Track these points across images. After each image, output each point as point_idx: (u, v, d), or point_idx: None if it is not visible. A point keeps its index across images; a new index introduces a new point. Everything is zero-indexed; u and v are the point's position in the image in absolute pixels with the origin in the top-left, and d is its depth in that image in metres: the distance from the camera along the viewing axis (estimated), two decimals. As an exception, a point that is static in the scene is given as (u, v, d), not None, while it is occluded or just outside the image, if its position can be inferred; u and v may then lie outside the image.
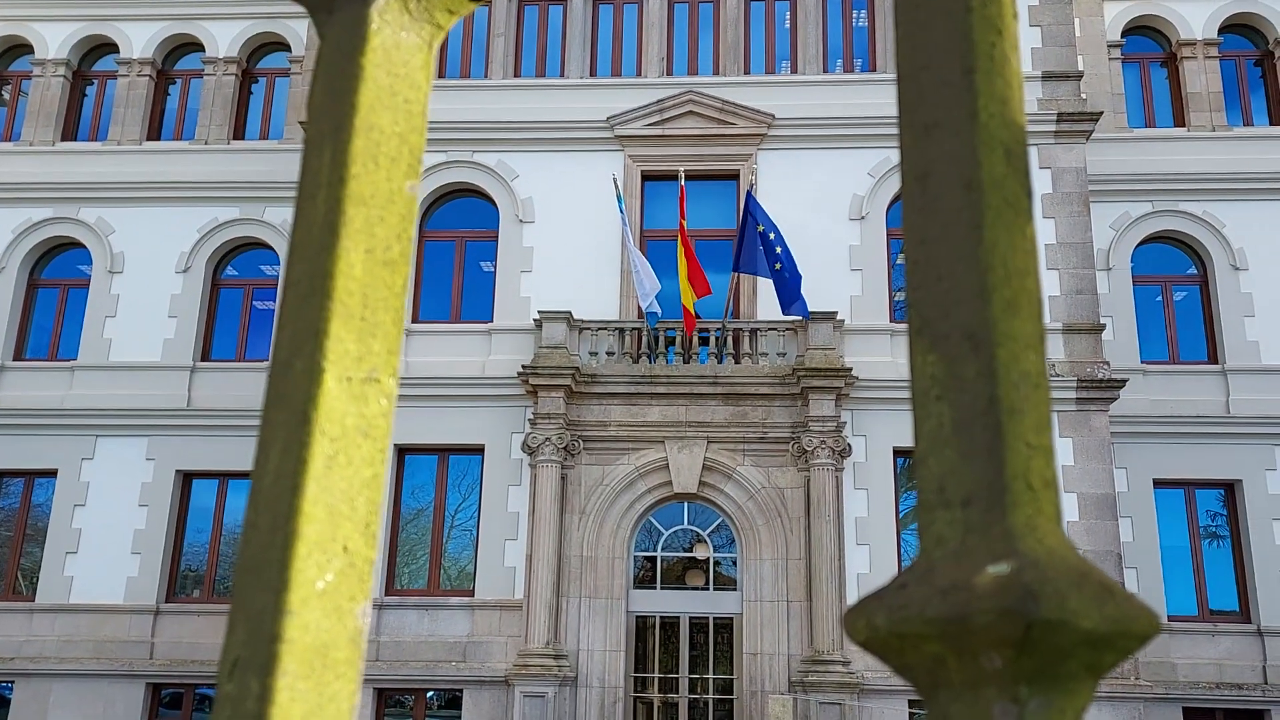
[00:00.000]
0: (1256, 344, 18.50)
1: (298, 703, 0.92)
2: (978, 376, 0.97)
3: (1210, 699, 16.88)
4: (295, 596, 0.95)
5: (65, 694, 18.14)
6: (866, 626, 0.95)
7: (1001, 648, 0.86)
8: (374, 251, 1.09)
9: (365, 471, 1.02)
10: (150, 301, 20.25)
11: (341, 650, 0.97)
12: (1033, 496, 0.94)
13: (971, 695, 0.89)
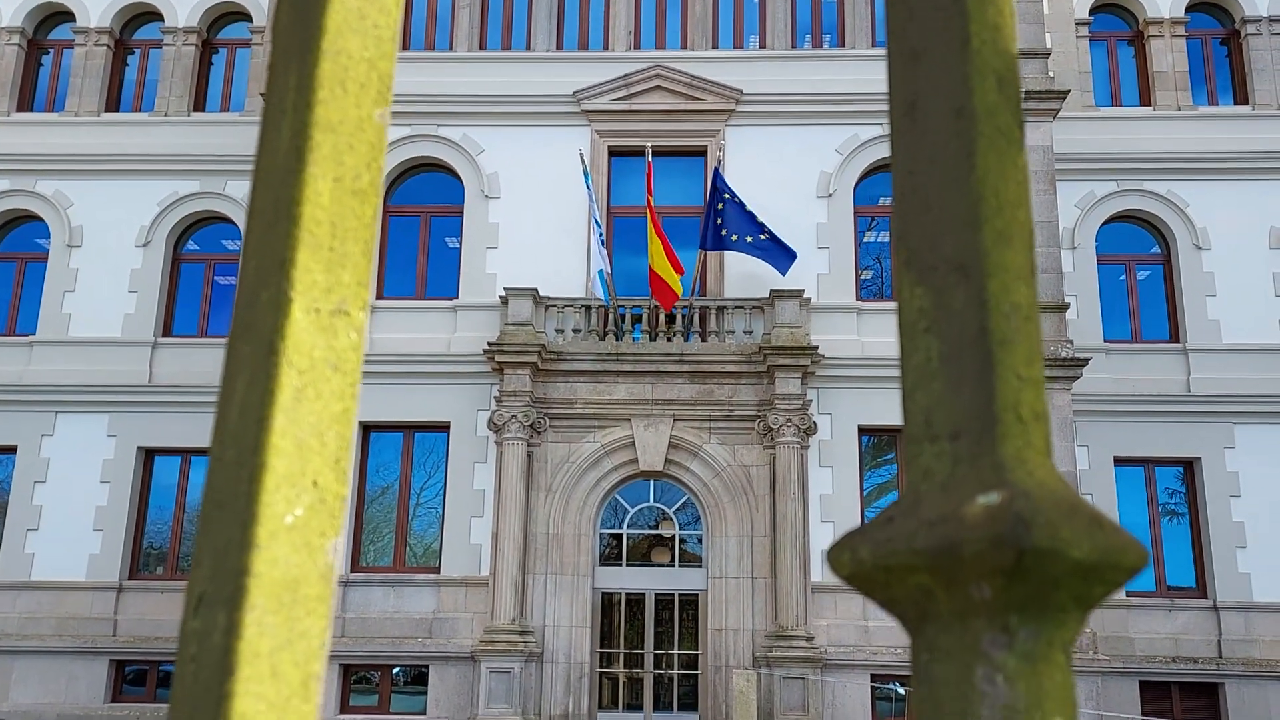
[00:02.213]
0: (1218, 323, 18.77)
1: (266, 637, 0.89)
2: (967, 307, 0.94)
3: (1167, 673, 17.22)
4: (263, 530, 0.91)
5: (28, 671, 17.92)
6: (851, 560, 0.93)
7: (992, 577, 0.84)
8: (342, 180, 1.04)
9: (335, 406, 0.99)
10: (110, 276, 19.89)
11: (312, 586, 0.93)
12: (1023, 429, 0.92)
13: (960, 627, 0.87)
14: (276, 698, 0.89)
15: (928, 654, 0.89)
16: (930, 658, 0.89)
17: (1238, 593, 17.62)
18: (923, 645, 0.90)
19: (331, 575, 0.95)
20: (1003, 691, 0.85)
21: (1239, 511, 17.94)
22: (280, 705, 0.89)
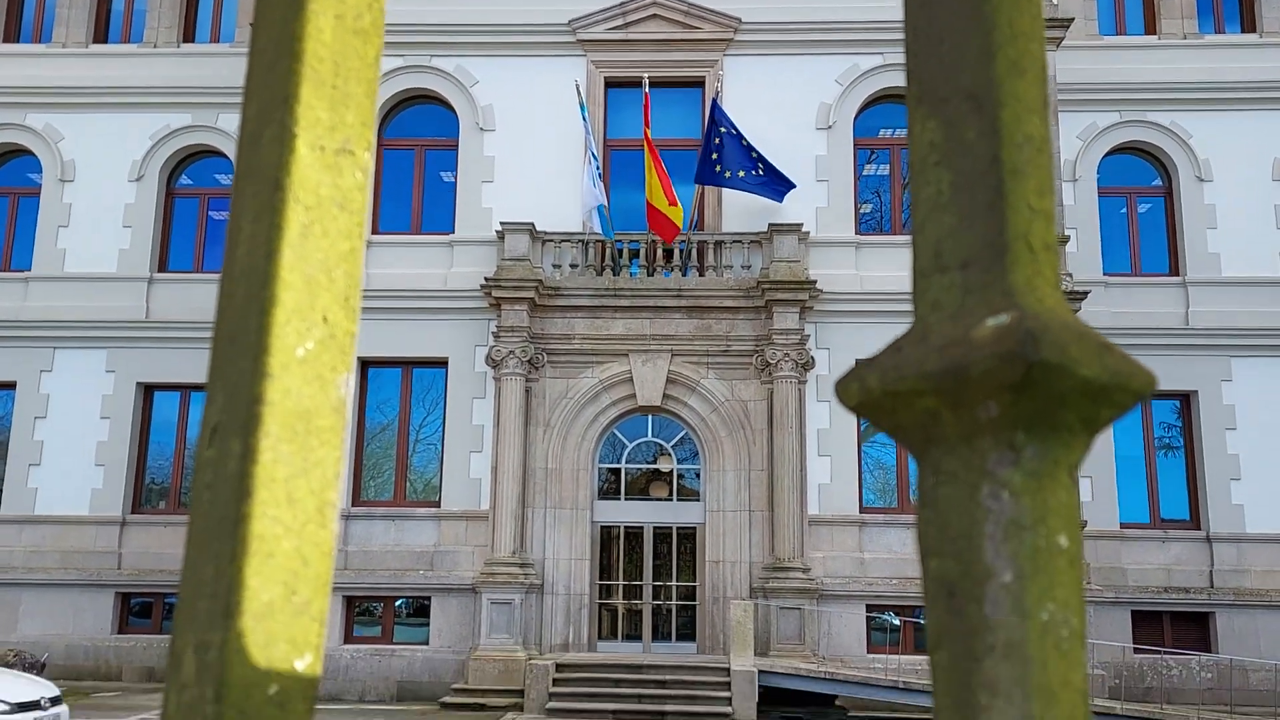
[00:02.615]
0: (1218, 256, 18.70)
1: (281, 464, 0.90)
2: (980, 138, 0.94)
3: (1158, 602, 17.47)
4: (275, 361, 0.91)
5: (35, 603, 18.16)
6: (859, 389, 0.94)
7: (999, 394, 0.84)
8: (344, 18, 1.03)
9: (342, 245, 0.98)
10: (104, 211, 19.75)
11: (325, 418, 0.94)
12: (1033, 258, 0.92)
13: (966, 448, 0.88)
14: (293, 522, 0.90)
15: (933, 478, 0.90)
16: (936, 481, 0.90)
17: (1231, 524, 17.80)
18: (929, 469, 0.91)
19: (344, 409, 0.96)
20: (1008, 507, 0.86)
21: (1234, 444, 18.06)
22: (297, 530, 0.90)
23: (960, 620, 0.87)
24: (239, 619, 0.87)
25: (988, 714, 0.84)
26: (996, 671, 0.84)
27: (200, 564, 0.90)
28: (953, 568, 0.88)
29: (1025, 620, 0.84)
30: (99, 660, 17.96)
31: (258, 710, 0.87)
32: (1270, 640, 17.16)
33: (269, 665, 0.88)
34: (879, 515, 18.18)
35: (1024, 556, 0.85)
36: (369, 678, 17.46)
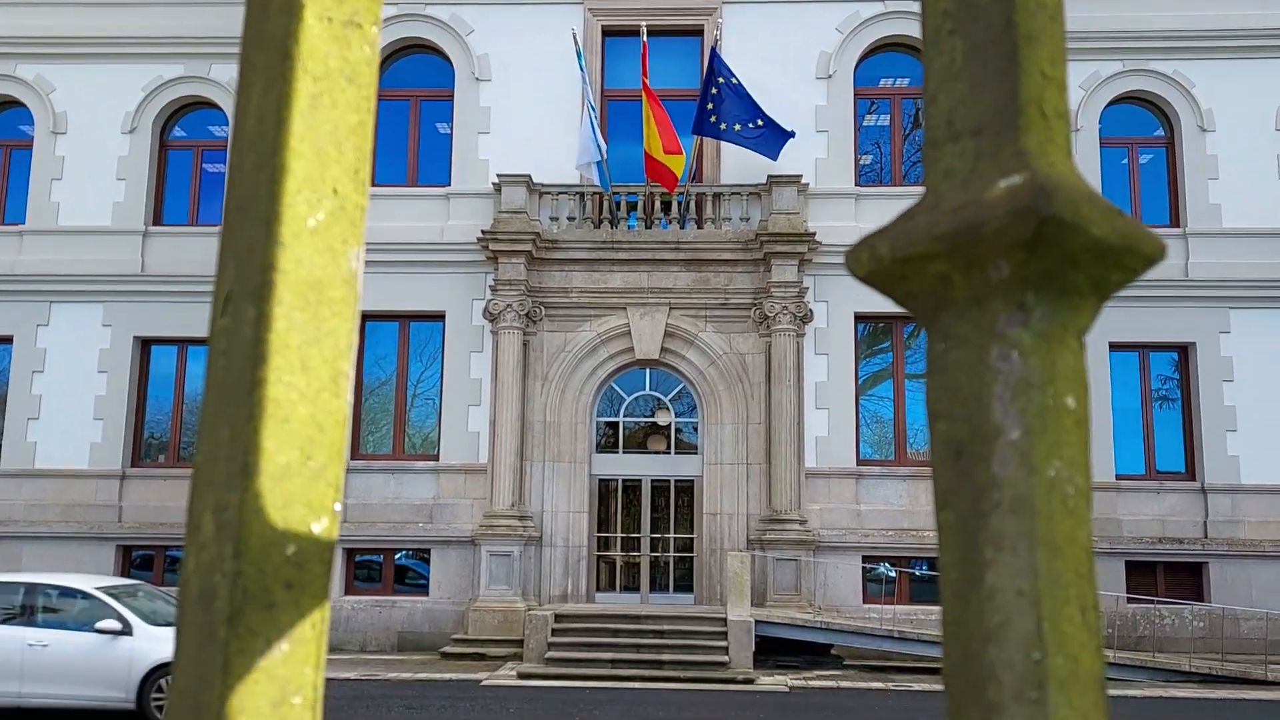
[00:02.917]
0: (1219, 207, 18.61)
1: (295, 331, 0.90)
2: (994, 3, 0.93)
3: (1153, 552, 17.62)
4: (287, 230, 0.91)
5: (37, 556, 18.28)
6: (870, 258, 0.94)
7: (1011, 252, 0.85)
8: (351, -110, 1.02)
9: (351, 117, 0.98)
10: (97, 163, 19.58)
11: (337, 289, 0.94)
12: (1045, 124, 0.92)
13: (976, 311, 0.89)
14: (308, 389, 0.91)
15: (943, 343, 0.91)
16: (946, 346, 0.91)
17: (1226, 475, 17.90)
18: (938, 336, 0.92)
19: (355, 282, 0.96)
20: (1017, 366, 0.86)
21: (1231, 396, 18.10)
22: (311, 397, 0.91)
23: (967, 480, 0.88)
24: (256, 480, 0.88)
25: (993, 568, 0.86)
26: (1003, 526, 0.85)
27: (217, 428, 0.91)
28: (961, 429, 0.89)
29: (1032, 475, 0.85)
30: (102, 611, 18.10)
31: (276, 570, 0.89)
32: (1262, 589, 17.34)
33: (286, 526, 0.90)
34: (876, 467, 18.28)
35: (1032, 414, 0.86)
36: (370, 629, 17.65)
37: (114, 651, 10.57)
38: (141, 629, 10.77)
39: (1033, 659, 0.83)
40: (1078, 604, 0.86)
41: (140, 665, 10.52)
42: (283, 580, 0.89)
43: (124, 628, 10.70)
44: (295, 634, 0.89)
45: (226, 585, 0.87)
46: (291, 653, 0.89)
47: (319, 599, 0.91)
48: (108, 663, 10.52)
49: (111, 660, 10.54)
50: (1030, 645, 0.83)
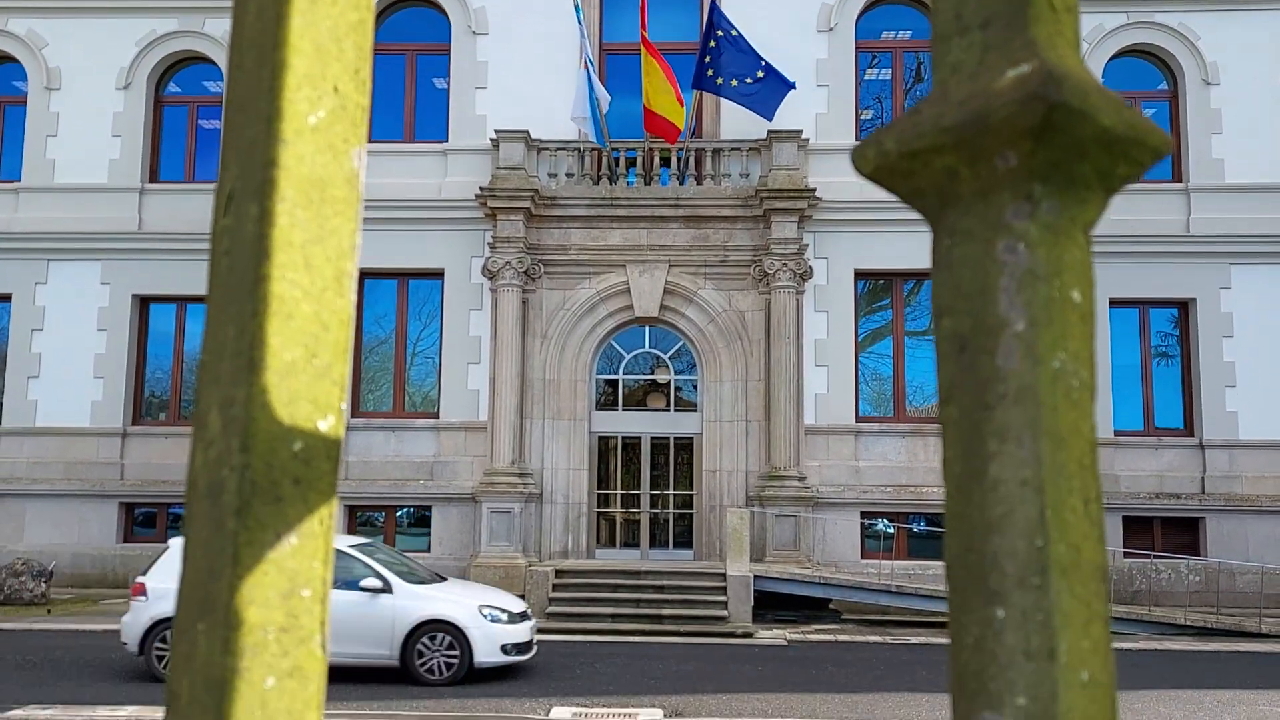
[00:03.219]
0: (1221, 162, 18.50)
1: (298, 229, 0.90)
2: (1001, -106, 0.92)
3: (1150, 507, 17.72)
4: (288, 127, 0.91)
5: (40, 513, 18.39)
6: (876, 154, 0.94)
7: (1019, 141, 0.84)
8: None
9: (351, 15, 0.97)
10: (92, 120, 19.43)
11: (339, 189, 0.94)
12: (1054, 17, 0.91)
13: (983, 204, 0.88)
14: (311, 287, 0.91)
15: (949, 239, 0.91)
16: (952, 242, 0.90)
17: (1224, 431, 17.96)
18: (944, 232, 0.92)
19: (357, 182, 0.96)
20: (1023, 259, 0.86)
21: (1230, 352, 18.11)
22: (315, 296, 0.91)
23: (972, 373, 0.88)
24: (262, 375, 0.88)
25: (997, 460, 0.86)
26: (1007, 418, 0.86)
27: (222, 326, 0.91)
28: (966, 323, 0.89)
29: (1037, 367, 0.85)
30: (105, 568, 18.26)
31: (284, 465, 0.89)
32: (1258, 544, 17.47)
33: (293, 422, 0.90)
34: (875, 424, 18.34)
35: (1037, 306, 0.86)
36: (372, 584, 17.76)
37: (376, 609, 10.69)
38: (400, 586, 10.90)
39: (1035, 546, 0.83)
40: (1080, 495, 0.87)
41: (403, 622, 10.66)
42: (290, 475, 0.89)
43: (384, 585, 10.81)
44: (303, 529, 0.90)
45: (234, 479, 0.88)
46: (300, 547, 0.89)
47: (326, 495, 0.92)
48: (371, 620, 10.65)
49: (374, 618, 10.66)
50: (1033, 533, 0.84)
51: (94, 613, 15.80)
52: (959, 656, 0.87)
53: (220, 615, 0.86)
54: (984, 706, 0.84)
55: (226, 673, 0.85)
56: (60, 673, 11.00)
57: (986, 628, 0.85)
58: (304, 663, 0.89)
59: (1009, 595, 0.84)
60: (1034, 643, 0.83)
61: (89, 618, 15.22)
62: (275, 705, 0.86)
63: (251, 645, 0.86)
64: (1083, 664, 0.84)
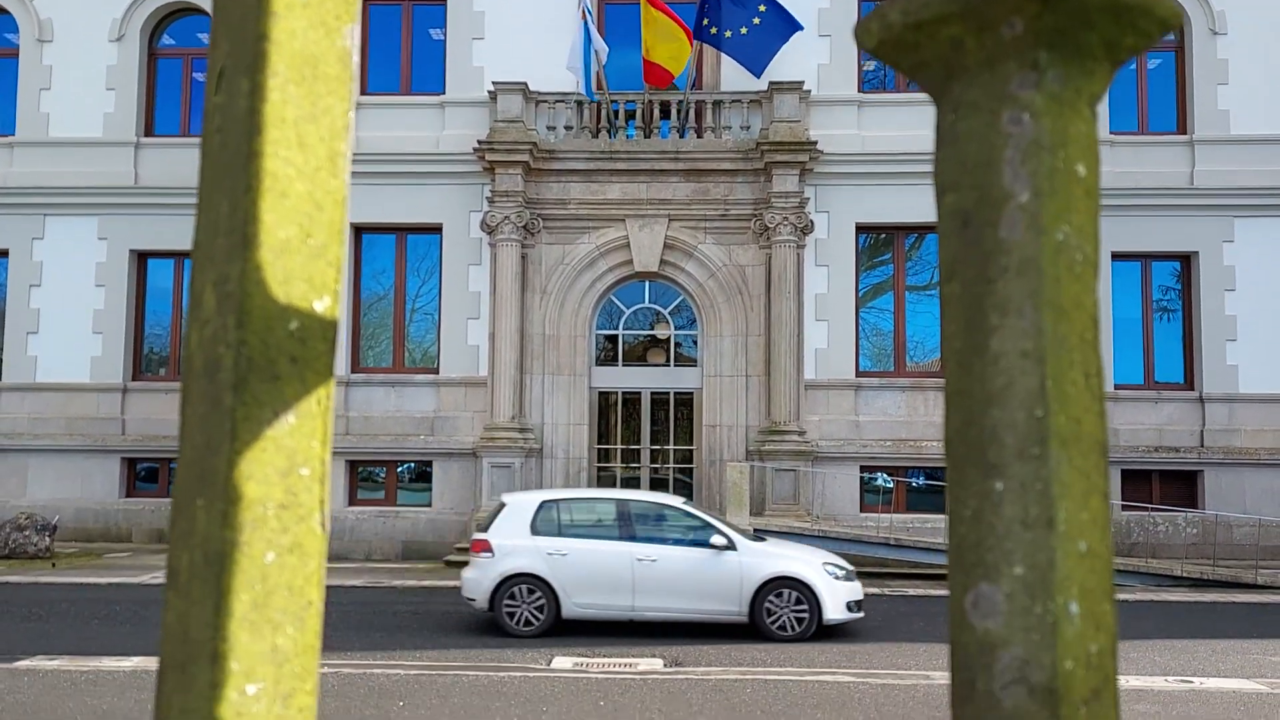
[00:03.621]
0: (1227, 113, 18.32)
1: (290, 105, 0.89)
2: None
3: (1148, 461, 17.78)
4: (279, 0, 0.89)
5: (42, 468, 18.47)
6: (880, 27, 0.92)
7: (1024, 5, 0.83)
8: None
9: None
10: (85, 73, 19.22)
11: (331, 66, 0.92)
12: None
13: (988, 75, 0.87)
14: (305, 166, 0.90)
15: (953, 114, 0.90)
16: (956, 117, 0.89)
17: (1224, 384, 17.97)
18: (948, 107, 0.90)
19: (349, 61, 0.94)
20: (1029, 129, 0.85)
21: (1232, 305, 18.08)
22: (309, 175, 0.90)
23: (975, 247, 0.87)
24: (256, 252, 0.87)
25: (999, 333, 0.85)
26: (1009, 290, 0.85)
27: (215, 203, 0.90)
28: (969, 197, 0.88)
29: (1040, 237, 0.84)
30: (108, 523, 18.37)
31: (280, 343, 0.88)
32: (1256, 496, 17.56)
33: (288, 301, 0.89)
34: (875, 379, 18.35)
35: (1042, 177, 0.85)
36: (374, 538, 17.91)
37: (724, 566, 10.75)
38: (744, 544, 10.96)
39: (1035, 417, 0.83)
40: (1081, 368, 0.86)
41: (751, 579, 10.71)
42: (287, 354, 0.89)
43: (728, 543, 10.85)
44: (301, 408, 0.89)
45: (231, 355, 0.87)
46: (298, 425, 0.89)
47: (323, 376, 0.91)
48: (719, 577, 10.72)
49: (722, 574, 10.73)
50: (1033, 403, 0.83)
51: (99, 566, 15.93)
52: (956, 531, 0.87)
53: (219, 489, 0.85)
54: (980, 579, 0.85)
55: (226, 546, 0.85)
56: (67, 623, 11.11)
57: (985, 500, 0.85)
58: (304, 540, 0.89)
59: (1008, 467, 0.84)
60: (1032, 512, 0.83)
61: (94, 571, 15.34)
62: (275, 579, 0.86)
63: (251, 520, 0.86)
64: (1081, 534, 0.84)
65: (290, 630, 0.88)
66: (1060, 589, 0.83)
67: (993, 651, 0.83)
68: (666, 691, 8.22)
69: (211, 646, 0.85)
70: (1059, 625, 0.83)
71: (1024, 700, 0.82)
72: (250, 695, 0.86)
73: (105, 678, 8.48)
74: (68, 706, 7.45)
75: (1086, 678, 0.83)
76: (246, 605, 0.85)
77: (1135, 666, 9.41)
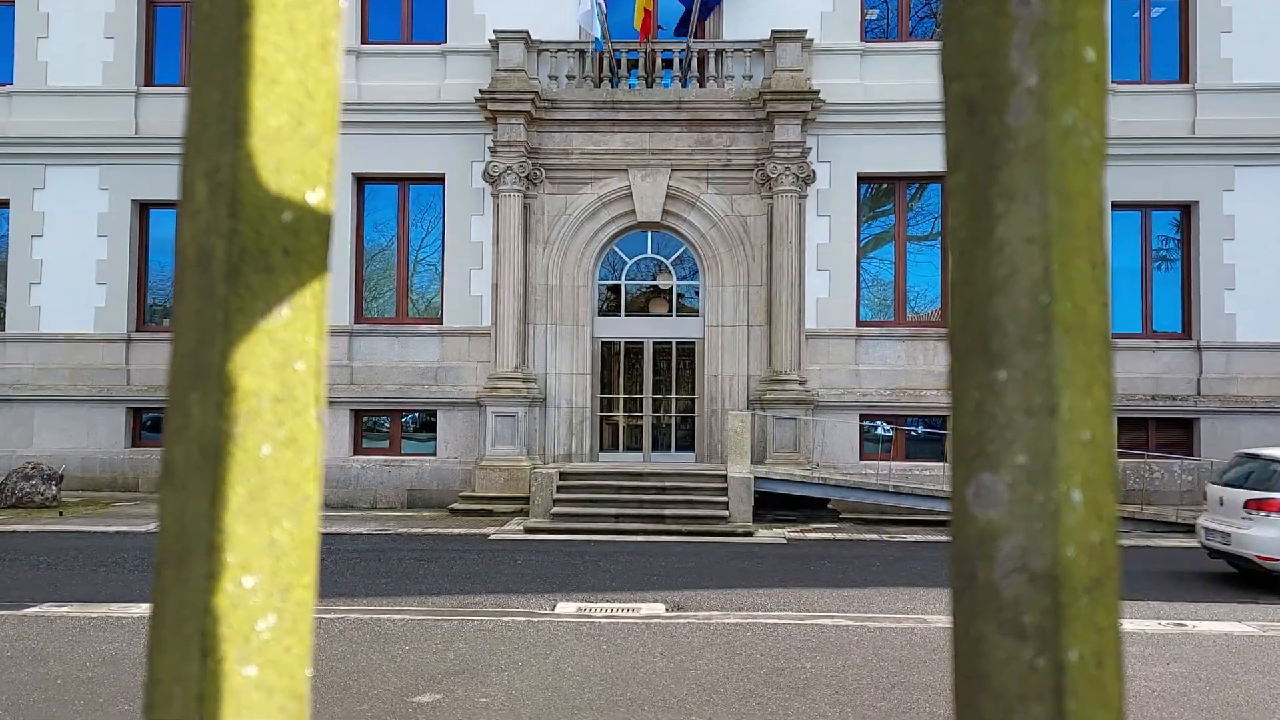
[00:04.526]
0: (1230, 62, 18.10)
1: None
2: None
3: (1145, 409, 17.83)
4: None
5: (48, 418, 18.55)
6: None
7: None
8: None
9: None
10: (83, 21, 19.00)
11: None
12: None
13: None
14: (295, 52, 0.88)
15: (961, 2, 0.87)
16: (964, 2, 0.87)
17: (1222, 333, 17.96)
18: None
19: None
20: (1037, 10, 0.83)
21: (1231, 254, 18.01)
22: (300, 62, 0.88)
23: (980, 135, 0.85)
24: (248, 139, 0.86)
25: (1004, 220, 0.84)
26: (1015, 176, 0.84)
27: (206, 92, 0.88)
28: (975, 85, 0.86)
29: (1047, 121, 0.83)
30: (115, 472, 18.49)
31: (273, 234, 0.87)
32: (1250, 443, 17.49)
33: (281, 192, 0.88)
34: (875, 329, 18.34)
35: (1050, 59, 0.83)
36: (379, 487, 18.02)
37: None
38: None
39: (1040, 303, 0.82)
40: (1088, 256, 0.85)
41: None
42: (280, 246, 0.88)
43: None
44: (296, 301, 0.88)
45: (223, 245, 0.86)
46: (293, 319, 0.88)
47: (318, 270, 0.90)
48: None
49: None
50: (1038, 290, 0.82)
51: (106, 514, 16.06)
52: (959, 423, 0.86)
53: (214, 381, 0.85)
54: (982, 469, 0.84)
55: (221, 437, 0.84)
56: (75, 571, 11.22)
57: (987, 391, 0.84)
58: (300, 434, 0.88)
59: (1011, 355, 0.83)
60: (1035, 400, 0.82)
61: (101, 519, 15.47)
62: (272, 473, 0.86)
63: (246, 412, 0.85)
64: (1084, 423, 0.84)
65: (287, 524, 0.87)
66: (1063, 477, 0.83)
67: (994, 540, 0.83)
68: (668, 635, 8.32)
69: (208, 539, 0.85)
70: (1061, 513, 0.82)
71: (1024, 587, 0.82)
72: (247, 588, 0.85)
73: (114, 624, 8.58)
74: (77, 652, 7.55)
75: (1088, 566, 0.83)
76: (242, 497, 0.85)
77: (1128, 610, 9.50)
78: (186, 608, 0.85)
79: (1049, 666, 0.78)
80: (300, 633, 0.90)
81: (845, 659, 7.58)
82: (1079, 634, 0.80)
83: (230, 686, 0.84)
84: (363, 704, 6.33)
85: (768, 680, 6.96)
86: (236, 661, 0.84)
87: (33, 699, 6.33)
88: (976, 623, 0.81)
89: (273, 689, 0.87)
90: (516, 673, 7.07)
